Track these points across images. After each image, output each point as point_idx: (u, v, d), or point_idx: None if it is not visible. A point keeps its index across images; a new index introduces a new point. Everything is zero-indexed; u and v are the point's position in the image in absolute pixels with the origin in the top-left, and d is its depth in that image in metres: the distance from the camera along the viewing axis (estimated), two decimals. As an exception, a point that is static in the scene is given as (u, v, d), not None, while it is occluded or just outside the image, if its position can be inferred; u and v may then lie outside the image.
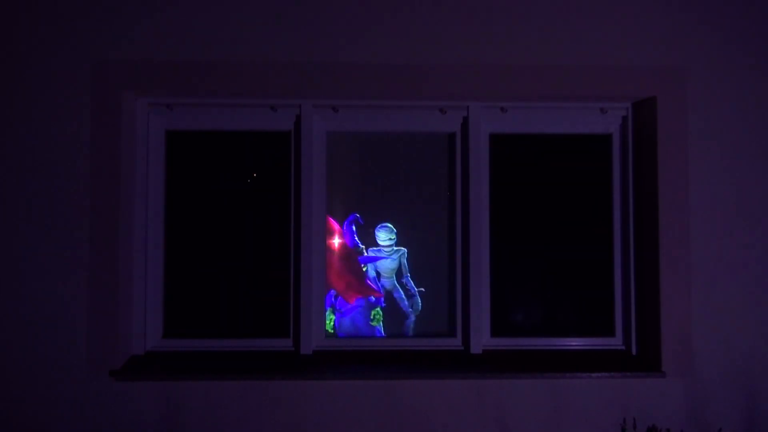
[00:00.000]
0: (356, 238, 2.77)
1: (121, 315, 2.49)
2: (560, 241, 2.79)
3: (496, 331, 2.72)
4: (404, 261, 2.79)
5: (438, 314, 2.79)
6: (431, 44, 2.54)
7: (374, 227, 2.79)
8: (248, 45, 2.52)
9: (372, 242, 2.80)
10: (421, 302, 2.80)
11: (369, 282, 2.78)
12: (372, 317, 2.78)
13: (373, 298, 2.78)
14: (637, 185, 2.71)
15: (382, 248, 2.77)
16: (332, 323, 2.76)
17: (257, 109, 2.70)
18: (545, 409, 2.52)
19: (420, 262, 2.80)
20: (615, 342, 2.72)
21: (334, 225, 2.77)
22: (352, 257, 2.78)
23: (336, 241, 2.76)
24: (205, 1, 2.52)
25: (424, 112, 2.73)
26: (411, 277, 2.80)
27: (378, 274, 2.79)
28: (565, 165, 2.80)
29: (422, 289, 2.79)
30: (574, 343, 2.72)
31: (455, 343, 2.71)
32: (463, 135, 2.74)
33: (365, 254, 2.78)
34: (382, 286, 2.79)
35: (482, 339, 2.68)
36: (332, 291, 2.78)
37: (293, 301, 2.68)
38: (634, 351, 2.69)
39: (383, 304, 2.79)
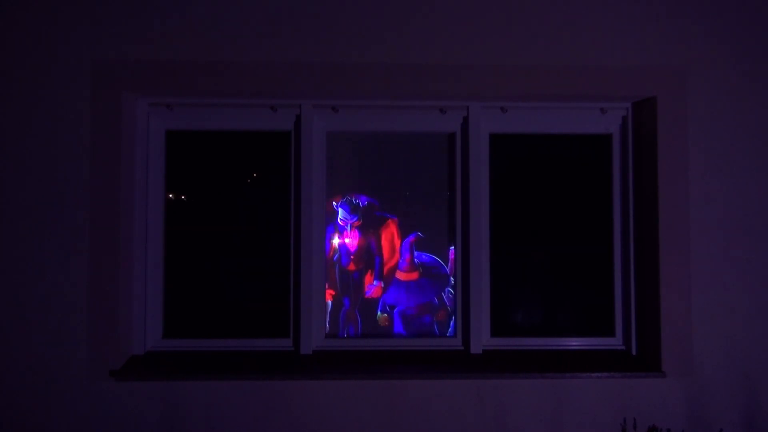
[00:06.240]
0: (415, 261, 2.75)
1: (121, 315, 2.49)
2: (560, 240, 2.79)
3: (496, 331, 2.72)
4: None
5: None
6: (431, 44, 2.54)
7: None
8: (248, 45, 2.51)
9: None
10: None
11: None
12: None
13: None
14: (637, 185, 2.71)
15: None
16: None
17: (257, 109, 2.70)
18: (545, 409, 2.52)
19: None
20: (615, 342, 2.73)
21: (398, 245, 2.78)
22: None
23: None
24: (206, 2, 2.52)
25: (424, 112, 2.73)
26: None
27: None
28: (565, 165, 2.80)
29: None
30: (574, 343, 2.72)
31: (455, 343, 2.71)
32: (463, 135, 2.74)
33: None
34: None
35: (482, 339, 2.68)
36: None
37: (293, 301, 2.68)
38: (634, 351, 2.69)
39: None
